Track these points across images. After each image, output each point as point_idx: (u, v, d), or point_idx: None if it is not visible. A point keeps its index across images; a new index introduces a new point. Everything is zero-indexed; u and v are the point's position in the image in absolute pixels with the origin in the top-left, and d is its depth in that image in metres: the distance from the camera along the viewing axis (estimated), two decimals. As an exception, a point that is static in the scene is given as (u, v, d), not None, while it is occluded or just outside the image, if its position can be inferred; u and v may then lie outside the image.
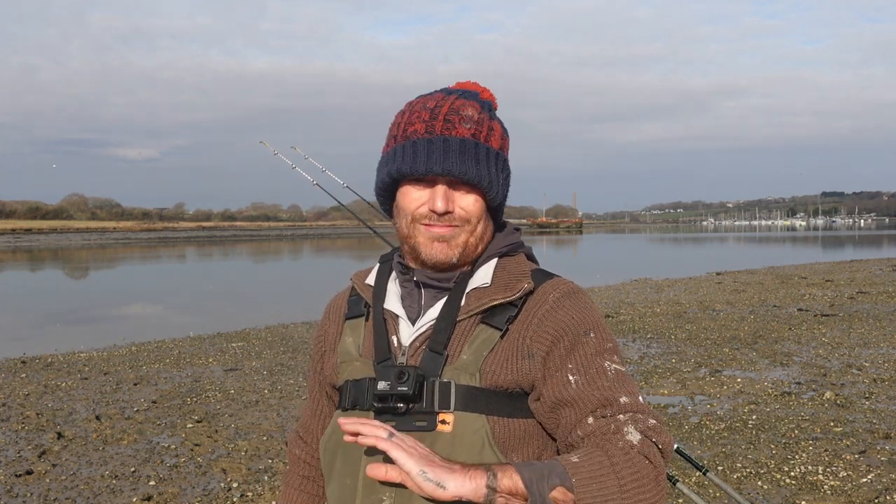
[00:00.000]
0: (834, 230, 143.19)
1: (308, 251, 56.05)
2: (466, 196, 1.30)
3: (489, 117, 1.34)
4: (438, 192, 1.28)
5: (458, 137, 1.28)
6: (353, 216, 3.34)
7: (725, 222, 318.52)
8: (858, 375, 7.67)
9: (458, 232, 1.31)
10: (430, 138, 1.28)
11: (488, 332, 1.29)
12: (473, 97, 1.35)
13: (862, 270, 22.76)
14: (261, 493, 4.77)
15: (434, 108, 1.31)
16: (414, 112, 1.33)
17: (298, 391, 7.51)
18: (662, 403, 6.76)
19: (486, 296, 1.32)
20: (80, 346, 11.07)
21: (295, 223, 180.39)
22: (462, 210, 1.30)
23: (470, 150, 1.28)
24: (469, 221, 1.31)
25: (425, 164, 1.27)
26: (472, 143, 1.29)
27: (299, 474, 1.55)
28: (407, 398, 1.25)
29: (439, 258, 1.31)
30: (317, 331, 1.54)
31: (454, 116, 1.30)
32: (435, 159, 1.26)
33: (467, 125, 1.30)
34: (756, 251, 48.07)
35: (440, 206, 1.27)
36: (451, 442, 1.23)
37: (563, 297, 1.32)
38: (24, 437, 6.05)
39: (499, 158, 1.33)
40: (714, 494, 4.47)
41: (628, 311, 13.35)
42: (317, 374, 1.51)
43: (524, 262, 1.39)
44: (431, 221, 1.30)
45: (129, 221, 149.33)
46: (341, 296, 1.53)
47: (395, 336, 1.35)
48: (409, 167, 1.28)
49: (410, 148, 1.29)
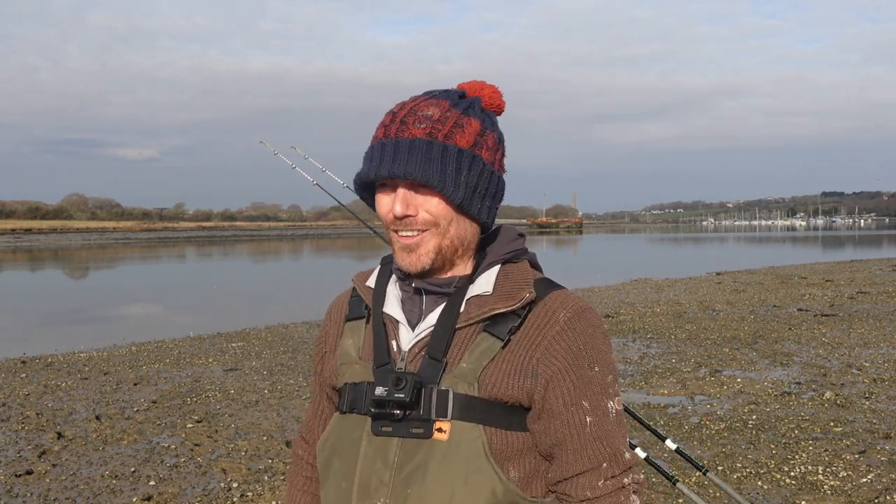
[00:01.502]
0: (834, 230, 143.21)
1: (308, 251, 56.05)
2: (430, 198, 1.27)
3: (460, 114, 1.30)
4: (397, 197, 1.27)
5: (408, 138, 1.26)
6: (353, 216, 3.34)
7: (725, 222, 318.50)
8: (858, 375, 7.67)
9: (427, 237, 1.28)
10: (384, 142, 1.28)
11: (490, 342, 1.28)
12: (448, 95, 1.32)
13: (862, 270, 22.77)
14: (261, 493, 4.77)
15: (397, 111, 1.31)
16: (384, 117, 1.33)
17: (298, 391, 7.51)
18: (662, 403, 6.76)
19: (487, 304, 1.30)
20: (80, 346, 11.07)
21: (295, 223, 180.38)
22: (426, 213, 1.27)
23: (419, 150, 1.25)
24: (437, 224, 1.28)
25: (376, 169, 1.26)
26: (423, 142, 1.26)
27: (303, 475, 1.54)
28: (404, 405, 1.25)
29: (410, 268, 1.31)
30: (319, 332, 1.54)
31: (410, 118, 1.28)
32: (384, 163, 1.26)
33: (422, 125, 1.27)
34: (756, 251, 48.08)
35: (398, 210, 1.26)
36: (447, 450, 1.23)
37: (573, 318, 1.30)
38: (24, 437, 6.05)
39: (462, 155, 1.28)
40: (714, 494, 4.47)
41: (628, 311, 13.35)
42: (318, 376, 1.51)
43: (527, 269, 1.37)
44: (396, 227, 1.29)
45: (129, 221, 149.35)
46: (343, 297, 1.51)
47: (394, 341, 1.34)
48: (364, 172, 1.29)
49: (368, 153, 1.30)
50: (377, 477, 1.26)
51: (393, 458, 1.25)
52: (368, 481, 1.27)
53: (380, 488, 1.25)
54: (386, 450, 1.26)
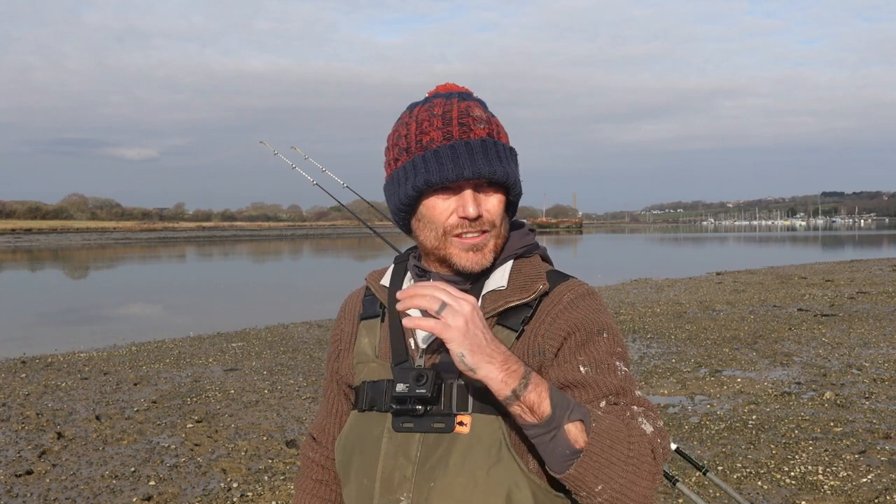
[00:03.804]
0: (834, 230, 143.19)
1: (308, 251, 56.04)
2: (490, 198, 1.30)
3: (492, 114, 1.34)
4: (468, 198, 1.27)
5: (477, 139, 1.27)
6: (353, 216, 3.33)
7: (725, 222, 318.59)
8: (858, 375, 7.67)
9: (489, 238, 1.31)
10: (451, 144, 1.27)
11: (504, 334, 1.29)
12: (469, 97, 1.34)
13: (862, 270, 22.77)
14: (261, 493, 4.77)
15: (444, 113, 1.30)
16: (423, 122, 1.31)
17: (298, 391, 7.51)
18: (662, 403, 6.76)
19: (503, 298, 1.32)
20: (80, 346, 11.07)
21: (295, 223, 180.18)
22: (488, 213, 1.29)
23: (491, 150, 1.27)
24: (495, 224, 1.31)
25: (453, 171, 1.25)
26: (491, 142, 1.28)
27: (312, 478, 1.54)
28: (425, 400, 1.25)
29: (475, 268, 1.31)
30: (332, 330, 1.54)
31: (467, 119, 1.29)
32: (463, 164, 1.25)
33: (481, 125, 1.29)
34: (756, 251, 48.08)
35: (472, 212, 1.26)
36: (468, 443, 1.24)
37: (577, 297, 1.32)
38: (24, 437, 6.05)
39: (513, 153, 1.33)
40: (714, 494, 4.47)
41: (628, 311, 13.35)
42: (333, 374, 1.51)
43: (539, 263, 1.39)
44: (463, 230, 1.29)
45: (129, 221, 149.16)
46: (355, 295, 1.52)
47: (412, 338, 1.35)
48: (436, 176, 1.26)
49: (433, 157, 1.27)
50: (400, 472, 1.27)
51: (415, 453, 1.26)
52: (391, 476, 1.27)
53: (403, 483, 1.26)
54: (407, 445, 1.27)
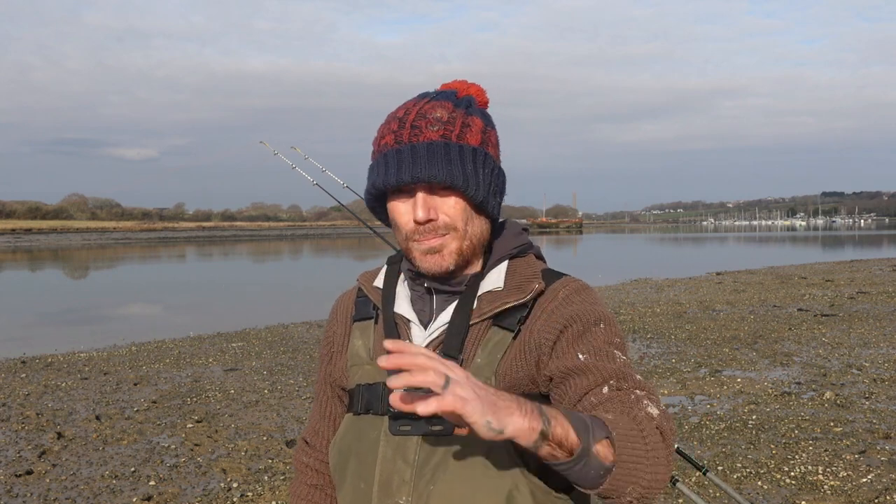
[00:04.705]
0: (834, 230, 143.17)
1: (308, 251, 56.04)
2: (446, 200, 1.28)
3: (465, 114, 1.31)
4: (418, 202, 1.27)
5: (425, 142, 1.27)
6: (353, 216, 3.33)
7: (725, 222, 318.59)
8: (858, 375, 7.67)
9: (448, 240, 1.29)
10: (398, 148, 1.27)
11: (501, 335, 1.29)
12: (447, 97, 1.33)
13: (862, 270, 22.77)
14: (261, 493, 4.77)
15: (402, 116, 1.31)
16: (386, 124, 1.33)
17: (298, 391, 7.51)
18: (662, 403, 6.76)
19: (499, 299, 1.32)
20: (80, 346, 11.07)
21: (295, 223, 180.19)
22: (445, 216, 1.28)
23: (439, 152, 1.26)
24: (455, 228, 1.29)
25: (396, 175, 1.26)
26: (440, 144, 1.27)
27: (307, 483, 1.52)
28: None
29: (434, 270, 1.30)
30: (324, 332, 1.53)
31: (421, 121, 1.29)
32: (404, 168, 1.25)
33: (435, 127, 1.28)
34: (756, 251, 48.08)
35: (420, 216, 1.26)
36: (467, 445, 1.23)
37: (573, 293, 1.32)
38: (24, 437, 6.05)
39: (476, 154, 1.30)
40: (714, 494, 4.47)
41: (628, 311, 13.35)
42: (326, 377, 1.49)
43: (534, 262, 1.39)
44: (419, 235, 1.29)
45: (129, 221, 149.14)
46: (347, 296, 1.51)
47: (407, 340, 1.34)
48: (381, 180, 1.28)
49: (382, 161, 1.29)
50: (398, 475, 1.26)
51: (413, 456, 1.25)
52: (389, 480, 1.26)
53: (401, 486, 1.25)
54: (405, 448, 1.26)
